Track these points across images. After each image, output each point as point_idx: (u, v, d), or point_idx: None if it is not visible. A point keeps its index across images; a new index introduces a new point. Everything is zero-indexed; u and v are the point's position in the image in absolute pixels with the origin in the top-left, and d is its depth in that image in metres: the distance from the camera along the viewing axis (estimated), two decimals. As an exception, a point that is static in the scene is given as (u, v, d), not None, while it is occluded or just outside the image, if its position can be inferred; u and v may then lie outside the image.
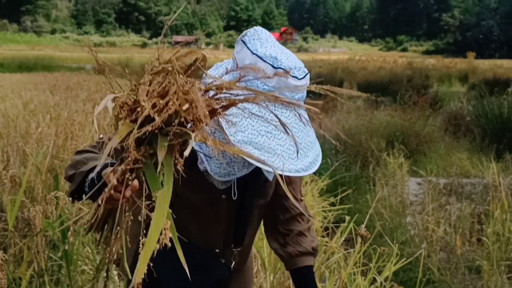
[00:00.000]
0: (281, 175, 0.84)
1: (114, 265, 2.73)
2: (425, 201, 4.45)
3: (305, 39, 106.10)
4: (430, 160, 6.05)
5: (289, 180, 1.33)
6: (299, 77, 1.05)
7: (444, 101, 11.01)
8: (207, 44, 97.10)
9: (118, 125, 0.87)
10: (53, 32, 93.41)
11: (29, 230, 2.84)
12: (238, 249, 1.28)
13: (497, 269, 3.10)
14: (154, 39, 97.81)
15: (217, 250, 1.27)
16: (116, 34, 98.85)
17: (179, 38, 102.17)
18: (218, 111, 0.86)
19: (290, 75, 1.03)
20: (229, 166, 1.11)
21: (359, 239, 2.09)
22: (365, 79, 17.07)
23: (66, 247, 1.89)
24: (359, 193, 4.89)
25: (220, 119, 0.90)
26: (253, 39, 1.08)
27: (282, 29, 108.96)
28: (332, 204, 3.77)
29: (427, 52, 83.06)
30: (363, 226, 2.02)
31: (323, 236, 2.70)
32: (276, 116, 0.90)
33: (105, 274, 2.49)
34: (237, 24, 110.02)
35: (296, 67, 1.05)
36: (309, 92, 1.09)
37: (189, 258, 0.91)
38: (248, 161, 1.07)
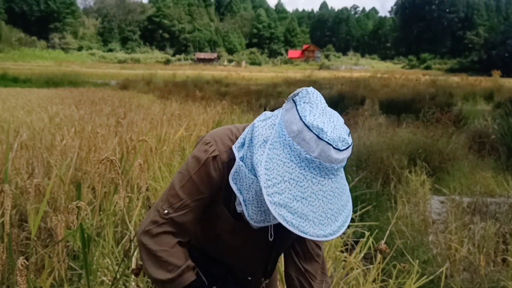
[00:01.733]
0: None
1: (133, 276, 2.75)
2: (448, 220, 4.36)
3: (327, 56, 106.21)
4: (453, 178, 5.94)
5: None
6: (341, 148, 1.08)
7: (468, 119, 10.85)
8: (230, 61, 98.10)
9: None
10: (80, 49, 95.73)
11: (50, 240, 2.88)
12: (267, 281, 1.43)
13: (523, 290, 3.01)
14: (178, 56, 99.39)
15: (250, 278, 1.41)
16: (141, 51, 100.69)
17: (201, 55, 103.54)
18: None
19: (333, 147, 1.07)
20: (265, 214, 1.20)
21: (378, 256, 2.06)
22: (387, 96, 16.91)
23: (86, 257, 1.91)
24: (380, 210, 4.82)
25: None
26: (304, 102, 1.13)
27: (304, 46, 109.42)
28: (352, 220, 3.73)
29: (451, 70, 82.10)
30: (382, 241, 1.99)
31: (342, 251, 2.68)
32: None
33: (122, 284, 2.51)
34: (259, 41, 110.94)
35: (340, 139, 1.08)
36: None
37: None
38: None
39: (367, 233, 2.45)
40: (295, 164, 1.07)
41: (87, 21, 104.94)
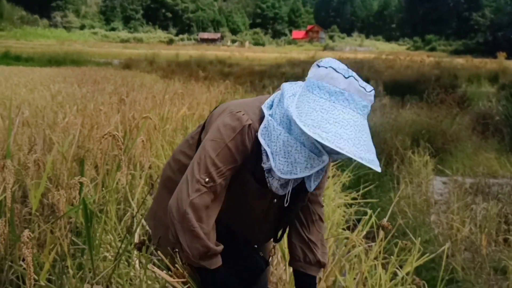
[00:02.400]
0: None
1: (135, 252, 2.76)
2: (450, 200, 4.36)
3: (331, 37, 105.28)
4: (456, 159, 5.93)
5: (320, 185, 1.45)
6: (367, 90, 1.18)
7: (473, 101, 10.78)
8: (233, 41, 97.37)
9: None
10: (82, 27, 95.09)
11: (53, 216, 2.89)
12: (276, 244, 1.53)
13: (524, 270, 3.02)
14: (181, 36, 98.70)
15: (256, 246, 1.47)
16: (143, 31, 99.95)
17: (205, 35, 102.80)
18: None
19: (359, 84, 1.16)
20: (292, 165, 1.22)
21: (381, 233, 2.06)
22: (391, 78, 16.79)
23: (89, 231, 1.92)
24: (382, 190, 4.82)
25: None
26: (327, 62, 1.22)
27: (308, 27, 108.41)
28: (354, 199, 3.73)
29: (456, 52, 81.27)
30: (385, 219, 1.99)
31: (344, 229, 2.68)
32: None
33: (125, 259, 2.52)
34: (263, 21, 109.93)
35: (364, 83, 1.19)
36: None
37: (233, 247, 1.34)
38: (311, 163, 1.21)
39: (369, 212, 2.45)
40: (325, 99, 1.14)
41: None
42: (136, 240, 2.79)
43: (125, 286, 2.11)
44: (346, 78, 1.15)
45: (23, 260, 1.95)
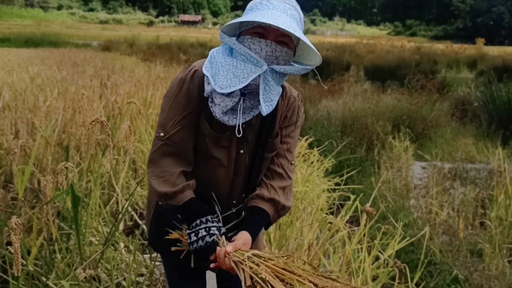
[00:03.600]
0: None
1: (123, 237, 2.77)
2: (429, 185, 4.46)
3: (313, 21, 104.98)
4: (436, 144, 6.05)
5: (285, 140, 1.50)
6: None
7: (452, 87, 10.95)
8: (214, 23, 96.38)
9: None
10: (59, 8, 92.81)
11: (37, 201, 2.88)
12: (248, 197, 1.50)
13: (499, 252, 3.12)
14: (161, 18, 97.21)
15: (234, 201, 1.49)
16: (123, 12, 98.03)
17: (185, 17, 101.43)
18: None
19: None
20: (231, 80, 1.30)
21: (363, 218, 2.11)
22: (372, 63, 16.90)
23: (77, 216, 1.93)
24: (363, 175, 4.90)
25: None
26: None
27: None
28: (337, 184, 3.79)
29: (436, 37, 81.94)
30: (368, 204, 2.04)
31: (327, 214, 2.74)
32: None
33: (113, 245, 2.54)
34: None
35: None
36: (315, 75, 1.26)
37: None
38: (247, 72, 1.29)
39: (352, 197, 2.50)
40: (255, 8, 1.33)
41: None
42: (121, 226, 2.81)
43: (113, 271, 2.13)
44: None
45: (9, 244, 1.96)
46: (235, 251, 1.28)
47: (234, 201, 1.49)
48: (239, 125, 1.35)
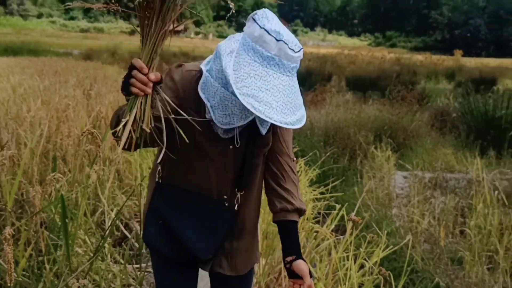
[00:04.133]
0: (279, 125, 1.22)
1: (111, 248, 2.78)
2: (410, 194, 4.56)
3: (295, 31, 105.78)
4: (417, 154, 6.17)
5: (283, 138, 1.55)
6: (296, 50, 1.29)
7: (431, 97, 11.16)
8: (197, 33, 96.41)
9: None
10: (39, 16, 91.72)
11: (22, 212, 2.87)
12: (241, 192, 1.50)
13: (479, 260, 3.21)
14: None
15: (225, 196, 1.49)
16: (104, 20, 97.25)
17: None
18: None
19: (289, 47, 1.28)
20: (229, 117, 1.37)
21: (349, 226, 2.16)
22: (353, 73, 17.10)
23: (66, 227, 1.94)
24: (346, 185, 4.97)
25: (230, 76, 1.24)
26: (262, 17, 1.32)
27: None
28: (322, 194, 3.85)
29: (416, 49, 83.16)
30: (353, 213, 2.09)
31: (313, 223, 2.78)
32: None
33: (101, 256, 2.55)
34: (227, 14, 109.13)
35: (294, 42, 1.30)
36: (300, 85, 1.36)
37: (197, 205, 1.47)
38: (245, 114, 1.35)
39: (338, 206, 2.56)
40: (258, 63, 1.27)
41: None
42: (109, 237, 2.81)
43: (101, 282, 2.14)
44: (277, 41, 1.27)
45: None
46: None
47: (225, 196, 1.49)
48: (237, 136, 1.42)
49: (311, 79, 14.47)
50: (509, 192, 4.43)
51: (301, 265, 1.43)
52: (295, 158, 1.61)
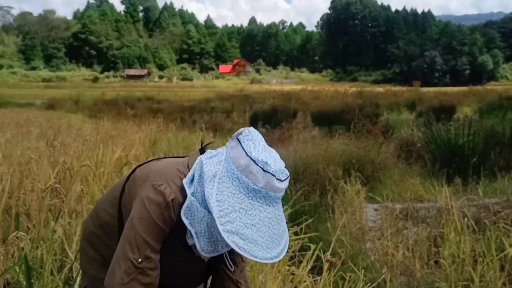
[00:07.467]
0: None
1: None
2: (383, 227, 4.56)
3: (258, 70, 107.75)
4: (386, 186, 6.23)
5: None
6: (282, 179, 1.24)
7: (395, 129, 11.42)
8: (161, 77, 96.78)
9: None
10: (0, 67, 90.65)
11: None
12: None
13: (455, 289, 3.21)
14: (106, 73, 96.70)
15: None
16: (67, 69, 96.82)
17: (131, 71, 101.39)
18: None
19: (276, 178, 1.22)
20: (215, 244, 1.33)
21: (326, 267, 2.13)
22: (318, 108, 17.45)
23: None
24: (319, 221, 4.95)
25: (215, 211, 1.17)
26: (247, 140, 1.27)
27: (235, 61, 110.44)
28: (296, 234, 3.82)
29: (376, 82, 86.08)
30: (328, 253, 2.07)
31: (289, 266, 2.74)
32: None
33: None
34: (190, 57, 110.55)
35: (281, 170, 1.24)
36: (264, 124, 1.27)
37: None
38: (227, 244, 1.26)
39: (313, 246, 2.53)
40: (244, 195, 1.21)
41: (7, 38, 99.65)
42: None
43: None
44: (265, 172, 1.21)
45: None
46: None
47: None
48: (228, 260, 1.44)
49: (277, 117, 14.66)
50: (477, 218, 4.51)
51: None
52: (244, 262, 1.59)
